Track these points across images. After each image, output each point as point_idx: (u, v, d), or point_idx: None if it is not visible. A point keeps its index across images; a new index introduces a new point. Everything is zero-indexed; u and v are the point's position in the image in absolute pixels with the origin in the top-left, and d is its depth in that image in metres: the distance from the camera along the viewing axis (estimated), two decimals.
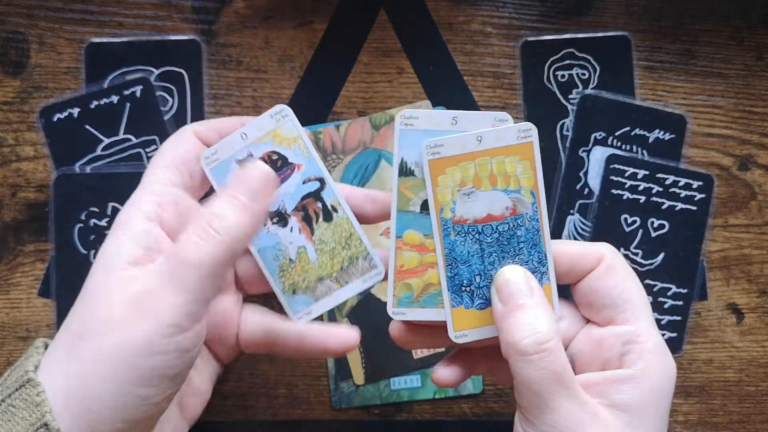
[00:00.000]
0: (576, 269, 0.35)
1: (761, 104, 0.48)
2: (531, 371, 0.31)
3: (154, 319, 0.31)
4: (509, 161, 0.34)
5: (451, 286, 0.35)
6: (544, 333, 0.32)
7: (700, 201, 0.47)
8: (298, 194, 0.37)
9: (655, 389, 0.33)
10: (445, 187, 0.35)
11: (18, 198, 0.47)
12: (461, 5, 0.47)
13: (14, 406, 0.31)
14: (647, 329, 0.34)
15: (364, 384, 0.46)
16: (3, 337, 0.46)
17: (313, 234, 0.37)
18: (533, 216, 0.35)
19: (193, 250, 0.33)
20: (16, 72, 0.47)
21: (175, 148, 0.37)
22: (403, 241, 0.35)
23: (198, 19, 0.47)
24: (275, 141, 0.37)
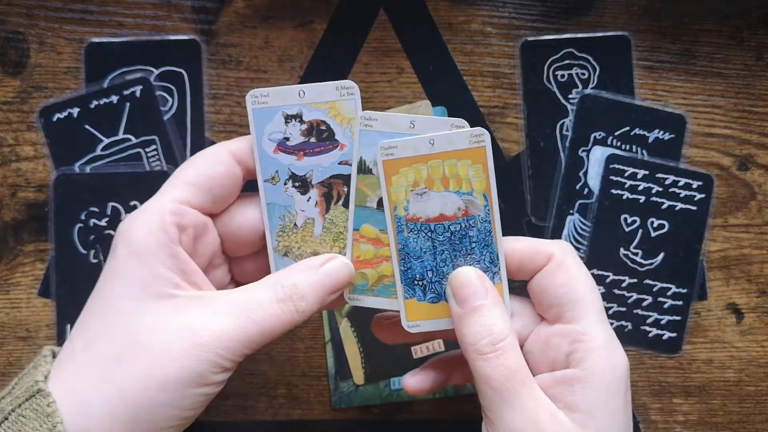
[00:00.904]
0: (526, 266, 0.36)
1: (761, 104, 0.48)
2: (488, 369, 0.33)
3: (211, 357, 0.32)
4: (461, 164, 0.36)
5: (404, 279, 0.37)
6: (498, 332, 0.33)
7: (699, 201, 0.47)
8: (330, 171, 0.37)
9: (604, 388, 0.33)
10: (398, 186, 0.36)
11: (18, 198, 0.47)
12: (461, 5, 0.47)
13: (24, 416, 0.31)
14: (593, 327, 0.34)
15: (364, 384, 0.46)
16: (3, 337, 0.46)
17: (327, 212, 0.37)
18: (485, 218, 0.36)
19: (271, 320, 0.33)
20: (16, 72, 0.47)
21: (206, 165, 0.36)
22: (360, 234, 0.37)
23: (198, 19, 0.47)
24: (330, 112, 0.36)
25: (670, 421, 0.47)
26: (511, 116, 0.47)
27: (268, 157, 0.37)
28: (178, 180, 0.35)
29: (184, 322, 0.32)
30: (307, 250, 0.37)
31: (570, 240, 0.47)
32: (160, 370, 0.31)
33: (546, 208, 0.47)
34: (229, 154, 0.36)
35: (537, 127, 0.47)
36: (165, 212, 0.34)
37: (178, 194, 0.35)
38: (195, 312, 0.33)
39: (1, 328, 0.46)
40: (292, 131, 0.37)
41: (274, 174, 0.37)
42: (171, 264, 0.33)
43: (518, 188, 0.47)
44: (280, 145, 0.37)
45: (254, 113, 0.36)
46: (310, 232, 0.37)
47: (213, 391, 0.33)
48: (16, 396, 0.32)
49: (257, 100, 0.36)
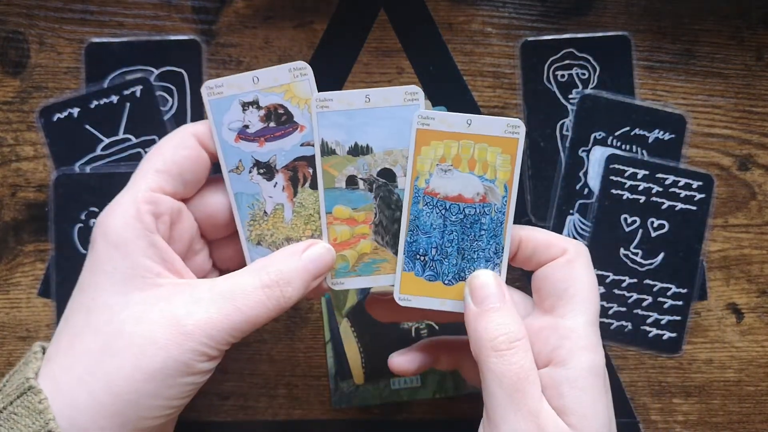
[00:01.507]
0: (538, 256, 0.36)
1: (761, 104, 0.48)
2: (503, 366, 0.33)
3: (197, 346, 0.32)
4: (491, 150, 0.36)
5: (407, 250, 0.37)
6: (515, 332, 0.34)
7: (699, 201, 0.47)
8: (293, 154, 0.37)
9: (590, 388, 0.33)
10: (425, 157, 0.36)
11: (18, 198, 0.47)
12: (461, 5, 0.47)
13: (16, 413, 0.31)
14: (584, 328, 0.34)
15: (364, 384, 0.46)
16: (3, 337, 0.46)
17: (295, 196, 0.37)
18: (501, 209, 0.36)
19: (256, 307, 0.33)
20: (16, 72, 0.47)
21: (173, 151, 0.36)
22: (334, 216, 0.37)
23: (198, 19, 0.47)
24: (286, 95, 0.36)
25: (670, 421, 0.47)
26: (511, 116, 0.47)
27: (230, 147, 0.37)
28: (147, 168, 0.35)
29: (168, 311, 0.32)
30: (280, 237, 0.37)
31: None
32: (146, 360, 0.31)
33: (546, 208, 0.47)
34: (193, 138, 0.36)
35: (537, 127, 0.47)
36: (139, 202, 0.34)
37: (150, 183, 0.35)
38: (178, 300, 0.33)
39: (1, 328, 0.46)
40: (250, 118, 0.36)
41: (237, 163, 0.37)
42: (151, 253, 0.33)
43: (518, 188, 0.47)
44: (240, 134, 0.36)
45: (210, 104, 0.36)
46: (280, 218, 0.37)
47: (200, 380, 0.33)
48: (8, 394, 0.32)
49: (212, 91, 0.36)
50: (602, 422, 0.33)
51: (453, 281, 0.37)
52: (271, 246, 0.37)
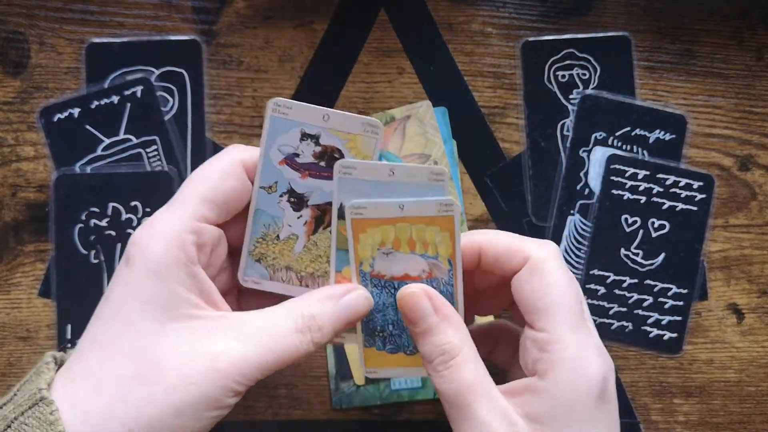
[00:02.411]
0: (501, 264, 0.35)
1: (761, 104, 0.48)
2: (443, 385, 0.33)
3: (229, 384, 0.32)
4: (429, 230, 0.36)
5: (365, 329, 0.37)
6: (450, 350, 0.33)
7: (700, 201, 0.47)
8: (329, 197, 0.37)
9: (565, 403, 0.32)
10: (365, 244, 0.36)
11: (18, 198, 0.47)
12: (461, 5, 0.47)
13: (27, 424, 0.30)
14: (564, 337, 0.33)
15: (364, 384, 0.46)
16: (3, 337, 0.46)
17: (314, 234, 0.37)
18: (449, 281, 0.36)
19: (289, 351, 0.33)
20: (17, 72, 0.47)
21: (220, 179, 0.35)
22: (342, 276, 0.38)
23: (198, 19, 0.47)
24: (349, 144, 0.36)
25: (670, 421, 0.47)
26: (511, 116, 0.47)
27: (272, 167, 0.36)
28: (194, 194, 0.34)
29: (205, 347, 0.32)
30: (281, 263, 0.37)
31: (570, 240, 0.47)
32: (179, 395, 0.31)
33: (547, 209, 0.47)
34: (242, 168, 0.35)
35: (537, 128, 0.47)
36: (184, 231, 0.33)
37: (195, 211, 0.34)
38: (215, 336, 0.33)
39: (2, 328, 0.46)
40: (304, 149, 0.36)
41: (272, 183, 0.36)
42: (190, 284, 0.33)
43: (519, 188, 0.47)
44: (287, 159, 0.36)
45: (271, 120, 0.36)
46: (290, 247, 0.37)
47: (223, 413, 0.33)
48: (19, 404, 0.31)
49: (278, 110, 0.36)
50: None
51: (415, 351, 0.37)
52: (268, 268, 0.37)
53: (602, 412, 0.33)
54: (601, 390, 0.33)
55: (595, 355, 0.33)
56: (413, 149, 0.46)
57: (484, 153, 0.47)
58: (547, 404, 0.32)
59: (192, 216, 0.34)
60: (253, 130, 0.47)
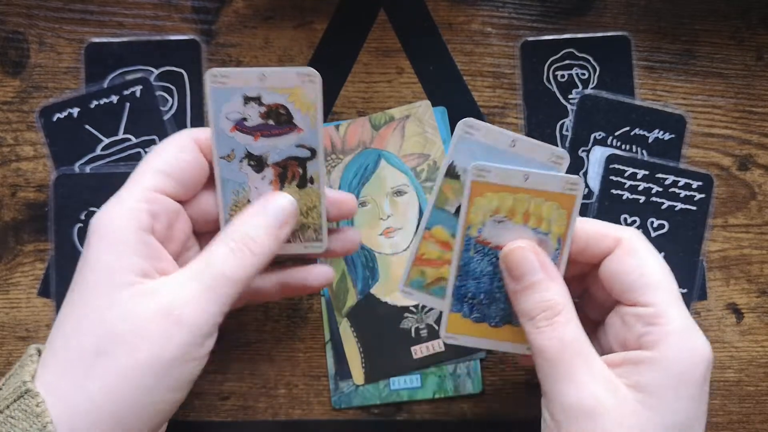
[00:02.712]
0: (592, 249, 0.36)
1: (761, 104, 0.48)
2: (544, 341, 0.33)
3: (188, 329, 0.32)
4: (548, 205, 0.36)
5: (456, 294, 0.37)
6: (554, 306, 0.34)
7: (699, 201, 0.47)
8: (286, 153, 0.37)
9: (676, 373, 0.33)
10: (478, 208, 0.36)
11: (18, 198, 0.47)
12: (461, 5, 0.47)
13: (13, 417, 0.31)
14: (669, 311, 0.33)
15: (364, 384, 0.46)
16: (3, 337, 0.46)
17: (281, 190, 0.38)
18: (553, 260, 0.36)
19: (234, 266, 0.34)
20: (16, 72, 0.47)
21: (173, 153, 0.36)
22: (431, 234, 0.38)
23: (198, 19, 0.47)
24: (290, 98, 0.37)
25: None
26: (511, 116, 0.48)
27: (225, 136, 0.37)
28: (147, 168, 0.35)
29: (154, 305, 0.32)
30: None
31: None
32: (140, 356, 0.31)
33: None
34: (193, 142, 0.36)
35: (537, 128, 0.47)
36: (137, 200, 0.34)
37: (149, 182, 0.35)
38: (162, 292, 0.33)
39: (1, 328, 0.46)
40: (250, 113, 0.37)
41: (230, 152, 0.37)
42: (142, 251, 0.33)
43: None
44: (237, 125, 0.37)
45: (213, 91, 0.36)
46: None
47: (196, 367, 0.33)
48: (5, 397, 0.31)
49: (216, 79, 0.36)
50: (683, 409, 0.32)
51: (500, 323, 0.37)
52: None
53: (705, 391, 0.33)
54: (708, 368, 0.33)
55: (701, 335, 0.34)
56: (412, 149, 0.46)
57: None
58: (657, 374, 0.32)
59: (145, 187, 0.35)
60: None
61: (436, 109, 0.47)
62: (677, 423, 0.32)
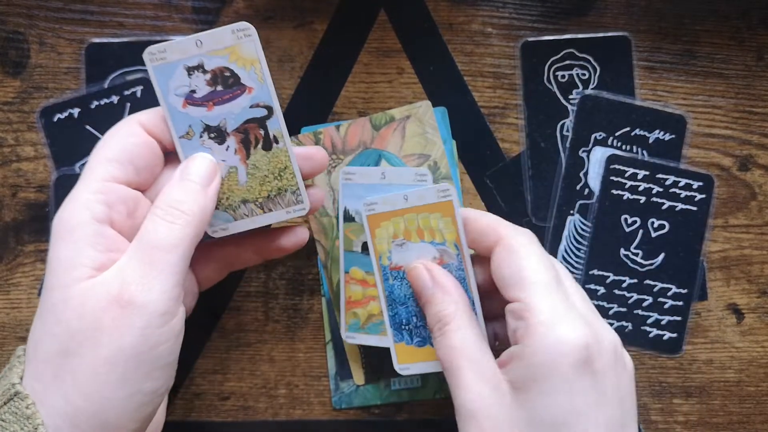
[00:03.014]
0: (479, 241, 0.37)
1: (761, 104, 0.48)
2: (439, 351, 0.36)
3: (146, 313, 0.31)
4: (433, 218, 0.38)
5: (392, 323, 0.40)
6: (443, 317, 0.36)
7: (700, 201, 0.47)
8: (243, 117, 0.37)
9: (538, 366, 0.32)
10: (381, 238, 0.39)
11: (18, 198, 0.47)
12: (461, 5, 0.47)
13: (4, 419, 0.30)
14: (538, 304, 0.33)
15: (364, 384, 0.46)
16: (3, 337, 0.46)
17: (248, 158, 0.37)
18: (459, 266, 0.38)
19: (167, 233, 0.33)
20: (16, 72, 0.47)
21: (120, 140, 0.35)
22: (350, 276, 0.41)
23: (198, 19, 0.47)
24: (231, 58, 0.36)
25: (670, 421, 0.47)
26: (511, 117, 0.47)
27: (178, 113, 0.36)
28: (97, 159, 0.35)
29: (106, 292, 0.31)
30: (236, 200, 0.37)
31: (570, 240, 0.47)
32: (102, 350, 0.31)
33: (546, 209, 0.47)
34: (139, 126, 0.36)
35: (537, 128, 0.47)
36: (88, 191, 0.33)
37: (101, 172, 0.34)
38: (109, 279, 0.32)
39: (1, 328, 0.46)
40: (197, 83, 0.36)
41: (188, 129, 0.36)
42: (96, 242, 0.33)
43: (518, 188, 0.47)
44: (187, 99, 0.36)
45: (154, 71, 0.35)
46: (235, 180, 0.37)
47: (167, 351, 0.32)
48: None
49: (155, 57, 0.35)
50: (559, 402, 0.31)
51: None
52: (228, 209, 0.37)
53: (586, 383, 0.31)
54: (581, 358, 0.31)
55: (575, 322, 0.32)
56: (413, 149, 0.46)
57: (484, 153, 0.47)
58: (525, 369, 0.32)
59: (97, 177, 0.34)
60: None
61: (436, 109, 0.47)
62: (549, 418, 0.31)
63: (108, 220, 0.33)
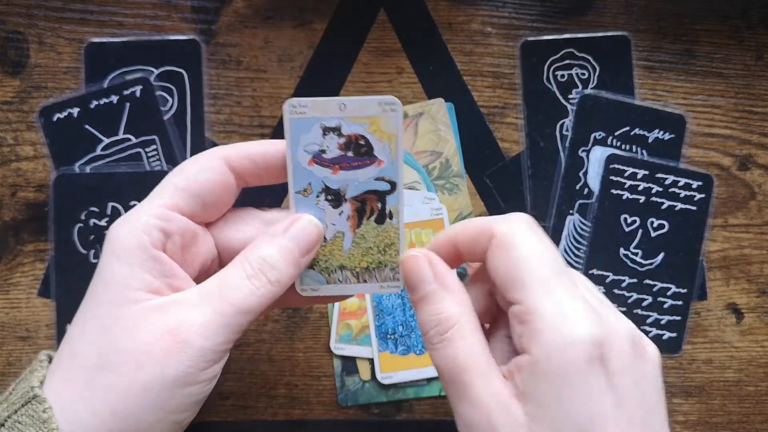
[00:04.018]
0: (472, 251, 0.33)
1: (761, 104, 0.48)
2: (438, 360, 0.31)
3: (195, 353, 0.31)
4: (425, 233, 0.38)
5: (378, 333, 0.40)
6: (445, 321, 0.31)
7: (699, 201, 0.47)
8: (365, 187, 0.36)
9: (553, 373, 0.29)
10: None
11: (18, 198, 0.47)
12: (461, 5, 0.47)
13: (21, 422, 0.30)
14: (539, 304, 0.30)
15: (370, 380, 0.46)
16: (3, 337, 0.46)
17: (359, 227, 0.37)
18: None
19: (246, 297, 0.32)
20: (16, 72, 0.47)
21: (196, 171, 0.34)
22: None
23: (198, 18, 0.47)
24: (370, 128, 0.35)
25: (670, 421, 0.47)
26: (511, 116, 0.47)
27: (302, 168, 0.36)
28: (167, 184, 0.34)
29: (162, 323, 0.31)
30: (334, 264, 0.37)
31: (570, 240, 0.47)
32: (142, 374, 0.31)
33: (546, 208, 0.47)
34: (222, 162, 0.35)
35: (537, 127, 0.47)
36: (150, 215, 0.33)
37: (166, 199, 0.33)
38: (172, 311, 0.32)
39: (1, 328, 0.46)
40: (329, 144, 0.35)
41: (306, 186, 0.36)
42: (151, 267, 0.32)
43: (518, 188, 0.47)
44: (315, 157, 0.36)
45: (291, 123, 0.35)
46: (339, 246, 0.37)
47: (202, 390, 0.32)
48: (12, 402, 0.31)
49: (295, 110, 0.35)
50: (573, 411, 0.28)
51: (423, 350, 0.40)
52: (323, 272, 0.37)
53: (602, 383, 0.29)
54: (594, 356, 0.29)
55: (583, 318, 0.29)
56: (425, 146, 0.46)
57: (484, 153, 0.47)
58: (535, 380, 0.29)
59: (161, 204, 0.33)
60: (252, 130, 0.47)
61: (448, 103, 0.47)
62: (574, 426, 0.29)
63: (162, 247, 0.33)
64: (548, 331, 0.29)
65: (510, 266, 0.31)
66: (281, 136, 0.36)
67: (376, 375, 0.40)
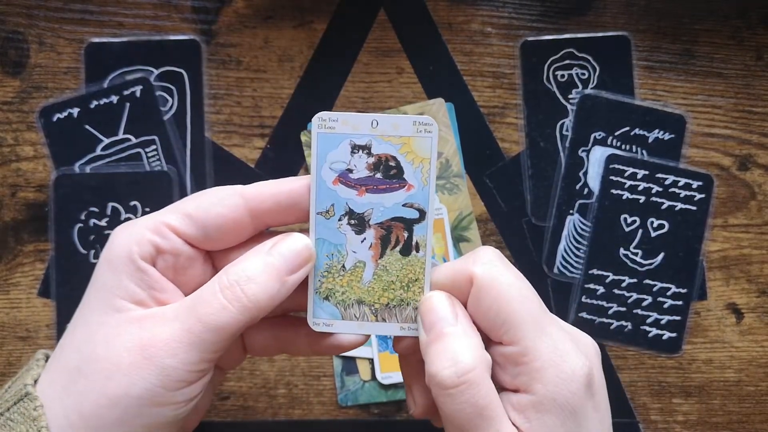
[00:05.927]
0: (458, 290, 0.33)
1: (761, 104, 0.48)
2: (452, 405, 0.30)
3: (162, 373, 0.30)
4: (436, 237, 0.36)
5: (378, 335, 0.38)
6: (465, 363, 0.30)
7: (699, 201, 0.47)
8: (391, 213, 0.33)
9: (558, 409, 0.30)
10: None
11: (18, 198, 0.47)
12: (461, 5, 0.47)
13: (12, 419, 0.31)
14: (532, 345, 0.30)
15: (370, 380, 0.46)
16: (3, 337, 0.46)
17: (381, 257, 0.34)
18: None
19: (216, 313, 0.30)
20: (16, 72, 0.47)
21: (211, 205, 0.32)
22: None
23: (198, 19, 0.47)
24: (403, 149, 0.33)
25: (669, 421, 0.47)
26: (511, 116, 0.48)
27: (326, 188, 0.33)
28: (179, 206, 0.33)
29: (136, 335, 0.30)
30: (352, 297, 0.34)
31: (570, 240, 0.47)
32: (111, 386, 0.30)
33: (546, 208, 0.47)
34: (241, 199, 0.33)
35: (537, 127, 0.47)
36: (147, 228, 0.32)
37: (167, 217, 0.32)
38: (146, 325, 0.31)
39: (1, 328, 0.46)
40: (357, 163, 0.33)
41: (329, 207, 0.33)
42: (138, 278, 0.31)
43: (518, 188, 0.47)
44: (341, 177, 0.33)
45: (318, 138, 0.33)
46: (358, 276, 0.34)
47: (175, 412, 0.31)
48: (6, 400, 0.31)
49: (324, 124, 0.33)
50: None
51: None
52: (339, 305, 0.34)
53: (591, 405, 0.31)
54: (587, 385, 0.30)
55: (572, 352, 0.31)
56: None
57: (484, 153, 0.47)
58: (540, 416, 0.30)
59: (162, 221, 0.32)
60: (252, 130, 0.47)
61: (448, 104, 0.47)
62: None
63: (152, 261, 0.32)
64: (548, 369, 0.30)
65: (499, 309, 0.31)
66: (281, 136, 0.36)
67: (376, 375, 0.40)
